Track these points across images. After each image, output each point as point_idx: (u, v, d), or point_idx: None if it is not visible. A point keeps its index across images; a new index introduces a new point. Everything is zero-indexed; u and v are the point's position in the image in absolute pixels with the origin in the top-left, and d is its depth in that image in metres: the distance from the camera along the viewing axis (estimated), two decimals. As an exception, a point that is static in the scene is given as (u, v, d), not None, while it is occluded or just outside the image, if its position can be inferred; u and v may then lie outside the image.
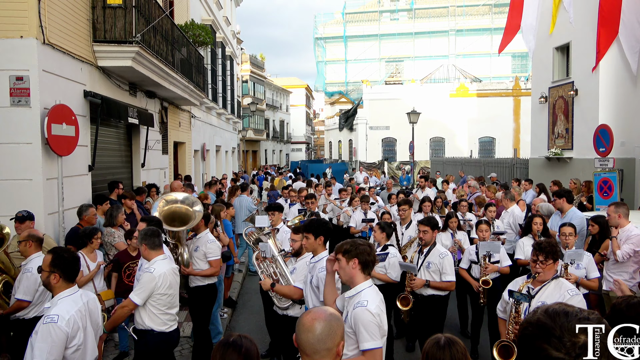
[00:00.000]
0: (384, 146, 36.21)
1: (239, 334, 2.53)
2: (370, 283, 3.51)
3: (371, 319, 3.21)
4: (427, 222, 6.05)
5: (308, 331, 2.23)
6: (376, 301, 3.34)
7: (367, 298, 3.33)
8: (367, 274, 3.51)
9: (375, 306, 3.29)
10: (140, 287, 4.49)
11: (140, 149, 11.56)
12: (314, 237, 4.48)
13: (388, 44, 41.38)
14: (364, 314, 3.22)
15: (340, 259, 3.50)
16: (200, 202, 6.35)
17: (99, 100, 8.50)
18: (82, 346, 3.63)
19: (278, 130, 56.45)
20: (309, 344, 2.23)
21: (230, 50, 25.44)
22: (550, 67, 16.16)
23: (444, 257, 5.86)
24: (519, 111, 33.10)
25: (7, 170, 6.70)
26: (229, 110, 25.10)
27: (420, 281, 5.86)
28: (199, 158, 19.20)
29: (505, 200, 9.22)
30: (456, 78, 37.40)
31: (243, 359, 2.40)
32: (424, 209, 9.18)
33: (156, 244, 4.69)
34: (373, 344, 3.17)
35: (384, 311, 3.39)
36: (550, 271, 4.22)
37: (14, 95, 6.65)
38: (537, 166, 17.05)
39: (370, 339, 3.18)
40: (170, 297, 4.63)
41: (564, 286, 4.15)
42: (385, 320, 3.37)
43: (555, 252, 4.20)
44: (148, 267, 4.60)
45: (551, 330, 1.44)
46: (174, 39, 11.58)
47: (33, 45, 6.72)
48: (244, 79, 40.34)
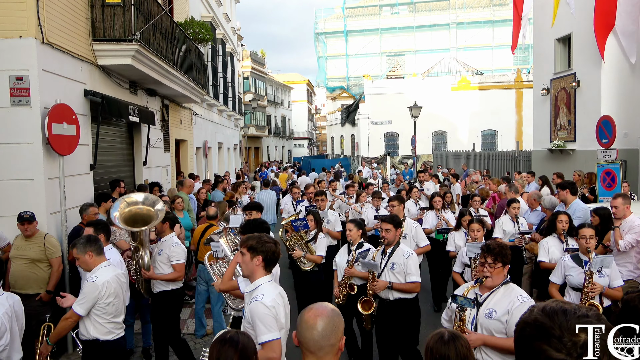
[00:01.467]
0: (386, 141, 36.17)
1: (235, 330, 2.54)
2: (270, 278, 3.57)
3: (266, 311, 3.28)
4: (389, 219, 5.57)
5: (312, 328, 2.22)
6: (272, 295, 3.41)
7: (262, 292, 3.40)
8: (269, 270, 3.56)
9: (270, 299, 3.35)
10: (83, 297, 4.36)
11: (142, 147, 11.57)
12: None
13: (389, 38, 41.29)
14: (258, 308, 3.29)
15: (245, 254, 3.53)
16: (161, 201, 6.04)
17: (100, 99, 8.50)
18: (9, 347, 3.79)
19: (280, 127, 56.42)
20: (314, 340, 2.22)
21: (231, 47, 25.39)
22: (552, 58, 16.10)
23: (408, 257, 5.36)
24: (521, 103, 33.01)
25: (9, 170, 6.70)
26: (230, 107, 25.07)
27: (383, 283, 5.37)
28: (201, 155, 19.20)
29: (509, 193, 9.19)
30: (458, 71, 37.29)
31: (240, 354, 2.41)
32: (434, 204, 8.81)
33: (101, 249, 4.59)
34: (270, 336, 3.23)
35: (281, 304, 3.44)
36: (499, 275, 3.84)
37: (14, 95, 6.64)
38: (540, 158, 17.01)
39: (267, 331, 3.24)
40: (116, 306, 4.51)
41: (514, 292, 3.77)
42: (282, 314, 3.40)
43: (505, 255, 3.84)
44: (90, 276, 4.45)
45: (550, 330, 1.39)
46: (173, 37, 11.56)
47: (32, 45, 6.70)
48: (245, 76, 40.29)
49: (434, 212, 8.81)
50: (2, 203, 6.63)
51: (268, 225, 4.85)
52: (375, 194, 9.84)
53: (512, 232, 7.67)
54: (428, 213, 8.95)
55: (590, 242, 5.15)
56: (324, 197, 8.89)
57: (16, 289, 5.79)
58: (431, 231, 8.54)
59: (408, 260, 5.33)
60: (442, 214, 8.69)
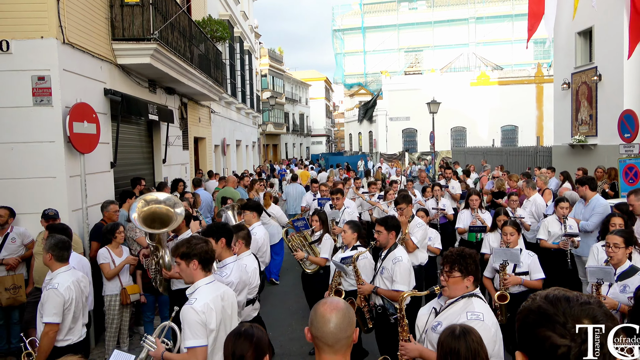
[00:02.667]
0: (404, 137, 36.00)
1: (250, 324, 2.58)
2: (210, 279, 3.58)
3: (195, 317, 3.30)
4: (381, 221, 5.22)
5: (329, 321, 2.24)
6: (206, 299, 3.41)
7: (197, 296, 3.43)
8: (208, 270, 3.58)
9: (202, 304, 3.35)
10: (50, 306, 4.23)
11: (161, 145, 11.70)
12: (214, 241, 4.36)
13: (407, 33, 41.00)
14: (188, 313, 3.32)
15: (180, 262, 3.55)
16: (182, 204, 5.89)
17: (119, 97, 8.62)
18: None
19: (298, 124, 56.49)
20: (332, 334, 2.24)
21: (249, 44, 25.49)
22: (573, 52, 15.86)
23: (396, 263, 4.94)
24: (542, 98, 32.56)
25: (32, 168, 6.85)
26: (248, 105, 25.20)
27: (368, 287, 5.10)
28: (219, 153, 19.34)
29: (527, 189, 9.10)
30: (477, 66, 36.94)
31: (255, 347, 2.45)
32: (471, 204, 8.18)
33: (64, 257, 4.48)
34: (194, 342, 3.28)
35: (215, 309, 3.42)
36: (457, 286, 3.40)
37: (36, 94, 6.78)
38: (561, 154, 16.78)
39: (192, 337, 3.28)
40: (73, 312, 4.42)
41: (470, 307, 3.34)
42: (214, 319, 3.38)
43: (465, 264, 3.39)
44: (51, 282, 4.36)
45: (554, 317, 1.40)
46: (191, 35, 11.65)
47: (53, 45, 6.83)
48: (263, 73, 40.42)
49: (469, 211, 8.24)
50: (26, 201, 6.77)
51: (229, 227, 4.70)
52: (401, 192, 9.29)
53: (558, 234, 7.05)
54: (463, 212, 8.42)
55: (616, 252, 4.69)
56: (339, 196, 8.51)
57: (40, 284, 5.90)
58: (464, 231, 8.14)
59: (395, 266, 4.93)
60: (478, 214, 8.07)
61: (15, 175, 6.83)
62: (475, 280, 3.43)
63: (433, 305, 3.62)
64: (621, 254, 4.64)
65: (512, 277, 5.44)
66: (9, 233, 6.42)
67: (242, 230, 5.17)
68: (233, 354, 2.42)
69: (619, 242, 4.66)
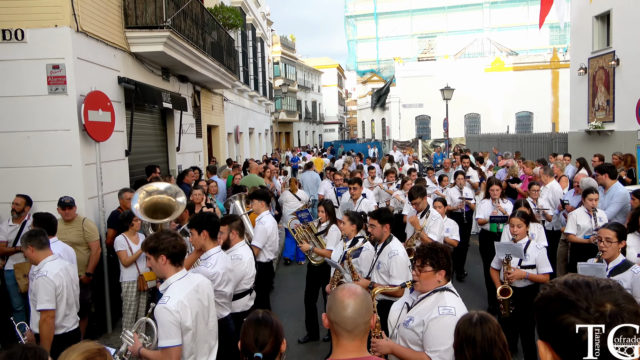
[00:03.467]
0: (417, 124, 35.74)
1: (264, 310, 2.59)
2: (182, 274, 3.52)
3: (169, 317, 3.26)
4: (374, 214, 5.07)
5: (348, 307, 2.26)
6: (180, 296, 3.36)
7: (170, 294, 3.38)
8: (179, 264, 3.52)
9: (175, 303, 3.30)
10: (42, 293, 4.23)
11: (175, 133, 11.74)
12: (197, 232, 4.34)
13: (420, 19, 40.54)
14: (161, 313, 3.28)
15: (149, 257, 3.51)
16: (183, 193, 5.79)
17: (133, 85, 8.64)
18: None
19: (310, 111, 56.37)
20: (351, 319, 2.25)
21: (261, 32, 25.40)
22: (590, 36, 15.58)
23: (392, 257, 4.80)
24: (558, 84, 32.09)
25: (48, 156, 6.91)
26: (260, 93, 25.17)
27: (365, 282, 4.90)
28: (232, 141, 19.38)
29: (544, 176, 8.98)
30: (491, 52, 36.44)
31: (275, 333, 2.47)
32: (491, 194, 7.90)
33: (43, 242, 4.45)
34: (168, 342, 3.25)
35: (190, 306, 3.38)
36: (429, 281, 3.33)
37: (51, 83, 6.82)
38: (577, 140, 16.58)
39: (166, 337, 3.26)
40: (68, 298, 4.43)
41: (442, 301, 3.28)
42: (189, 316, 3.34)
43: (437, 258, 3.33)
44: (39, 271, 4.34)
45: (576, 302, 1.38)
46: (204, 23, 11.63)
47: (67, 34, 6.85)
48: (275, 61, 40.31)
49: (489, 200, 7.94)
50: (42, 188, 6.84)
51: (217, 218, 4.62)
52: (419, 182, 9.22)
53: (589, 228, 6.54)
54: (483, 201, 8.14)
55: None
56: (356, 186, 8.21)
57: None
58: (484, 221, 7.89)
59: (391, 260, 4.79)
60: (499, 204, 7.79)
61: (31, 163, 6.89)
62: (447, 274, 3.40)
63: (405, 300, 3.58)
64: (613, 249, 4.48)
65: (517, 271, 5.27)
66: (27, 220, 6.49)
67: (235, 221, 5.12)
68: (256, 340, 2.42)
69: (612, 236, 4.49)
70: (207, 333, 3.63)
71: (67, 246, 5.52)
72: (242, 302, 5.01)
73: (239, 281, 4.90)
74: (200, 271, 4.11)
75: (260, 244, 6.23)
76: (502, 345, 2.52)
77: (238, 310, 4.89)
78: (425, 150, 32.38)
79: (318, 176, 14.11)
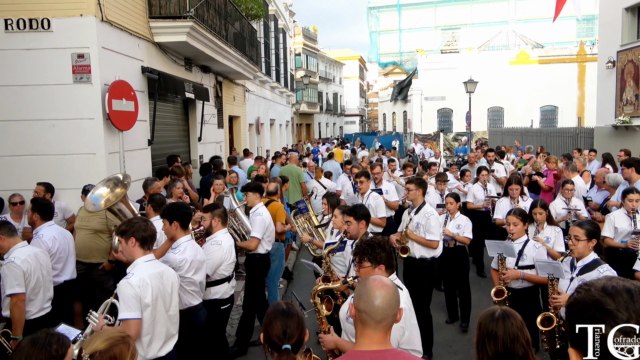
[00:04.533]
0: (439, 117, 35.39)
1: (285, 302, 2.58)
2: (149, 258, 3.70)
3: (130, 291, 3.44)
4: (349, 211, 4.87)
5: (380, 297, 2.26)
6: (143, 274, 3.54)
7: (134, 271, 3.57)
8: (147, 248, 3.70)
9: (138, 279, 3.50)
10: (11, 278, 4.33)
11: (197, 123, 11.80)
12: (168, 222, 4.41)
13: (444, 11, 40.01)
14: (124, 287, 3.46)
15: (120, 241, 3.69)
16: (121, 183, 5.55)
17: (156, 75, 8.70)
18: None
19: (331, 103, 56.18)
20: (381, 310, 2.25)
21: (283, 23, 25.36)
22: (619, 29, 15.18)
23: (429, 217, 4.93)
24: (584, 78, 31.45)
25: (72, 145, 7.00)
26: (282, 84, 25.17)
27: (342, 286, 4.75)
28: (253, 132, 19.43)
29: (566, 171, 8.81)
30: (516, 44, 35.83)
31: (301, 325, 2.47)
32: (510, 192, 7.57)
33: (12, 230, 4.59)
34: (128, 315, 3.41)
35: (151, 285, 3.54)
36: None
37: (76, 72, 6.90)
38: (603, 135, 16.22)
39: (126, 309, 3.42)
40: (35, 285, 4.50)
41: None
42: (149, 294, 3.49)
43: (375, 254, 3.28)
44: (8, 257, 4.44)
45: (615, 313, 1.26)
46: (227, 13, 11.64)
47: (92, 23, 6.91)
48: (297, 52, 40.22)
49: (508, 199, 7.57)
50: (66, 176, 6.94)
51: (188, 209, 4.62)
52: (439, 176, 8.78)
53: (627, 231, 5.88)
54: (501, 200, 7.74)
55: None
56: (363, 179, 7.60)
57: (80, 258, 6.05)
58: (502, 222, 7.58)
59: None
60: (518, 203, 7.33)
61: (56, 151, 7.00)
62: (387, 268, 3.34)
63: (352, 295, 3.50)
64: (582, 247, 4.25)
65: (512, 271, 5.02)
66: (50, 207, 6.59)
67: (218, 209, 5.24)
68: (284, 332, 2.39)
69: (580, 234, 4.26)
70: (167, 319, 3.72)
71: (63, 229, 5.69)
72: (222, 288, 5.08)
73: (217, 267, 4.97)
74: (168, 257, 4.29)
75: (259, 235, 6.15)
76: (524, 341, 2.47)
77: (217, 296, 5.02)
78: (447, 144, 32.05)
79: (339, 165, 14.37)
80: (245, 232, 6.34)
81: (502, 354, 2.44)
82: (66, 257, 5.44)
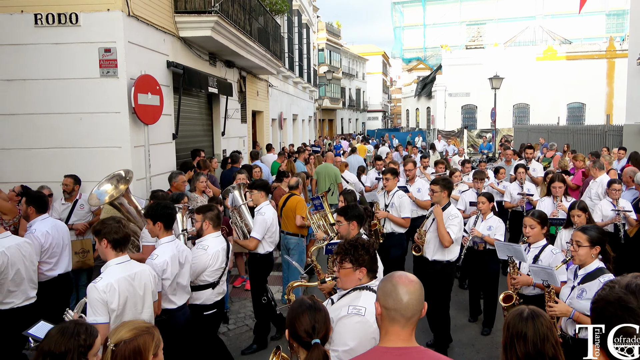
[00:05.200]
0: (463, 113, 35.03)
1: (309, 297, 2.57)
2: (121, 260, 3.67)
3: (96, 295, 3.45)
4: (340, 211, 4.63)
5: (410, 294, 2.24)
6: (112, 279, 3.54)
7: (103, 275, 3.59)
8: (120, 250, 3.69)
9: (105, 284, 3.50)
10: None
11: (220, 117, 11.88)
12: (152, 222, 4.33)
13: (469, 5, 39.50)
14: (91, 291, 3.49)
15: (96, 241, 3.69)
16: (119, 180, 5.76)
17: (181, 70, 8.77)
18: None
19: (354, 99, 56.01)
20: (412, 306, 2.24)
21: (307, 18, 25.33)
22: (651, 24, 14.81)
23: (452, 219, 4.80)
24: (613, 74, 30.78)
25: (98, 138, 7.11)
26: (305, 79, 25.16)
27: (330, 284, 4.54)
28: (276, 127, 19.48)
29: (593, 170, 8.61)
30: (543, 40, 35.21)
31: (327, 319, 2.48)
32: (553, 191, 7.06)
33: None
34: (95, 319, 3.42)
35: (118, 290, 3.53)
36: (348, 278, 3.10)
37: (103, 66, 6.99)
38: (633, 133, 15.85)
39: (93, 314, 3.45)
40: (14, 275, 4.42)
41: (355, 300, 3.04)
42: (116, 299, 3.50)
43: (357, 255, 3.08)
44: None
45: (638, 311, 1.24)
46: (251, 8, 11.66)
47: (119, 18, 6.99)
48: (320, 48, 40.15)
49: (550, 199, 7.12)
50: (93, 169, 7.04)
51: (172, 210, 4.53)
52: (477, 174, 8.29)
53: None
54: (543, 200, 7.37)
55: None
56: (389, 176, 7.16)
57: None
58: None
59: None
60: (561, 203, 6.92)
61: (83, 144, 7.12)
62: (369, 272, 3.13)
63: (333, 296, 3.40)
64: (584, 254, 3.96)
65: (523, 277, 4.73)
66: (78, 200, 6.71)
67: (210, 211, 4.99)
68: (313, 328, 2.38)
69: (582, 240, 3.96)
70: None
71: (58, 222, 5.61)
72: (204, 295, 4.84)
73: (200, 273, 4.73)
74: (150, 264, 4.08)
75: (259, 235, 6.03)
76: (554, 341, 2.43)
77: (198, 302, 4.80)
78: (471, 141, 31.69)
79: (362, 159, 14.44)
80: (249, 231, 6.23)
81: (532, 355, 2.40)
82: (60, 251, 5.39)
